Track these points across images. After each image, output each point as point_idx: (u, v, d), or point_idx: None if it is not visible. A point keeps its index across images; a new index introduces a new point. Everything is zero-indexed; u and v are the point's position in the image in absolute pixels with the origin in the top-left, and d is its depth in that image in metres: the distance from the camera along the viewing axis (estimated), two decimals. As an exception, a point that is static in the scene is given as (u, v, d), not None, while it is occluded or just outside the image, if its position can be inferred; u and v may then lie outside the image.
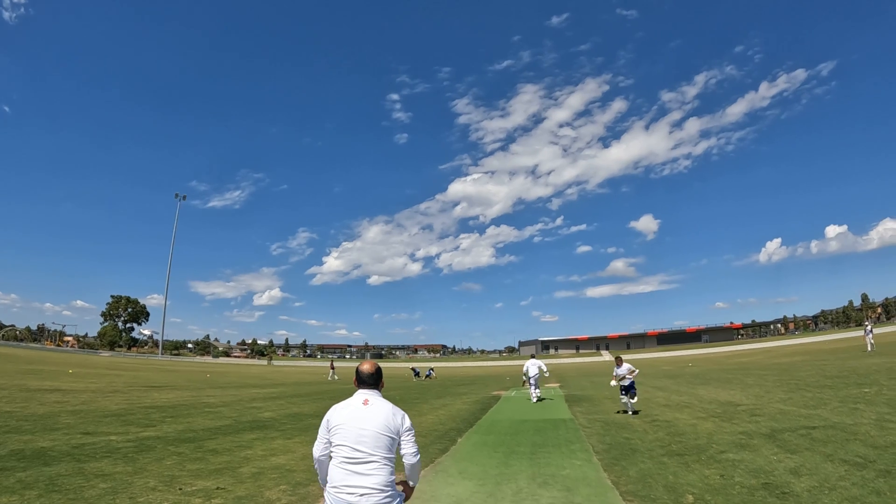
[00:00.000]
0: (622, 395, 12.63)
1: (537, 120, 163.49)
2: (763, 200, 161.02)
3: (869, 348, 30.67)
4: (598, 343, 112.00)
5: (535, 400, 17.23)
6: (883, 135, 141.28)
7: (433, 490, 6.17)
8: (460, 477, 6.85)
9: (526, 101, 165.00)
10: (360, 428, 2.90)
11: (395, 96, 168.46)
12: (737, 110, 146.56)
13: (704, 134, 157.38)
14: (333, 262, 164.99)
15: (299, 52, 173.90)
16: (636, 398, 12.58)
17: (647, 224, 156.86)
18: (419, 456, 3.10)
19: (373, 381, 3.10)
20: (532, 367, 17.47)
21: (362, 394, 3.06)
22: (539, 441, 9.69)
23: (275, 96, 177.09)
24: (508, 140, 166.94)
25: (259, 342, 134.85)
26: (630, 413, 12.25)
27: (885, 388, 13.16)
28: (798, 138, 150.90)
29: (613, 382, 12.67)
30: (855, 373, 18.34)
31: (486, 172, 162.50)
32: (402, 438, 3.01)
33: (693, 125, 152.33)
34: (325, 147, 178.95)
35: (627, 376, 12.47)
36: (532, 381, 17.37)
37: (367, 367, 3.12)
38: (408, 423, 3.05)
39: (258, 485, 6.21)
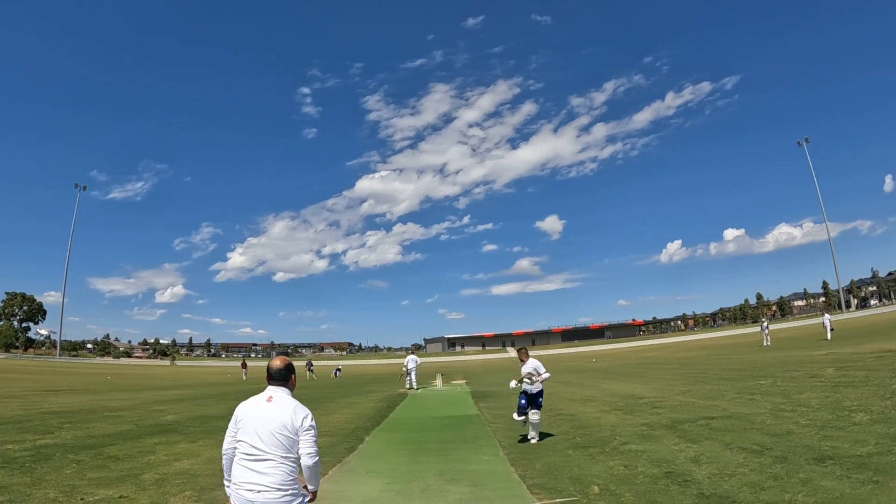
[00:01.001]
0: (522, 407, 10.66)
1: (447, 119, 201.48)
2: (665, 204, 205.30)
3: (765, 343, 40.46)
4: (503, 340, 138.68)
5: (414, 388, 25.27)
6: (781, 146, 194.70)
7: (341, 490, 7.38)
8: (368, 476, 8.27)
9: (437, 100, 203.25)
10: (260, 424, 3.52)
11: (305, 90, 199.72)
12: (643, 118, 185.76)
13: (611, 139, 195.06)
14: (238, 259, 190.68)
15: (208, 42, 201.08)
16: (539, 416, 10.58)
17: (552, 224, 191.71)
18: (317, 458, 3.67)
19: (281, 377, 3.76)
20: (411, 362, 26.72)
21: (269, 390, 3.72)
22: (446, 437, 11.93)
23: (180, 85, 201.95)
24: (418, 138, 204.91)
25: (162, 341, 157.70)
26: (532, 440, 10.47)
27: (780, 379, 16.46)
28: (700, 146, 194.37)
29: (514, 383, 10.99)
30: (752, 366, 22.76)
31: (395, 170, 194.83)
32: (300, 437, 3.58)
33: (600, 130, 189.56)
34: (231, 139, 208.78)
35: (535, 379, 10.56)
36: (411, 374, 25.97)
37: (276, 363, 3.78)
38: (308, 422, 3.63)
39: (162, 492, 7.20)
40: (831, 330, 37.98)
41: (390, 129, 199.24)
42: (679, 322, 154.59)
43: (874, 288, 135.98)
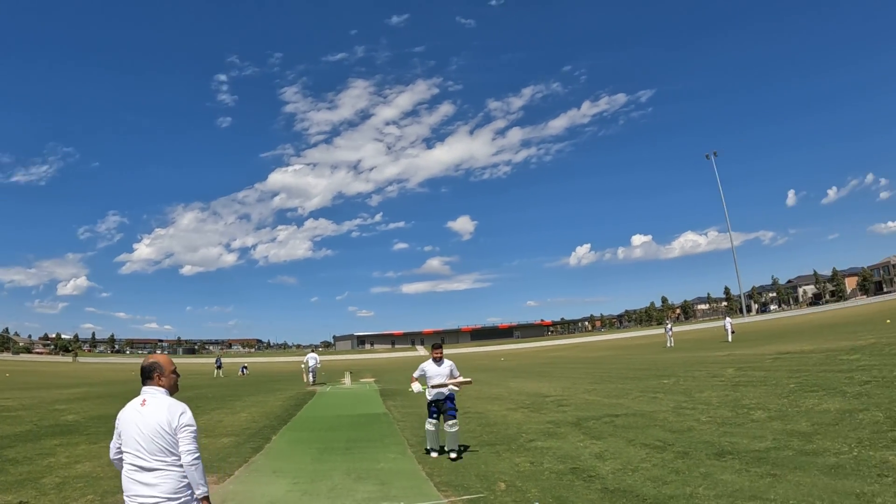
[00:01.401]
0: (432, 417, 9.54)
1: (364, 116, 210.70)
2: (576, 208, 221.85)
3: (669, 344, 43.47)
4: (413, 338, 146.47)
5: (311, 383, 29.11)
6: (690, 157, 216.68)
7: (247, 490, 7.61)
8: (275, 476, 8.51)
9: (355, 95, 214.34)
10: (137, 432, 3.44)
11: (222, 77, 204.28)
12: (558, 124, 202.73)
13: (526, 143, 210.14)
14: (144, 250, 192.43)
15: (124, 23, 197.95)
16: (456, 425, 9.28)
17: (463, 224, 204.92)
18: (197, 456, 3.53)
19: (145, 375, 3.67)
20: (311, 360, 30.64)
21: (143, 392, 3.64)
22: (354, 436, 12.39)
23: (90, 66, 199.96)
24: (333, 133, 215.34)
25: (63, 336, 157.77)
26: (451, 455, 9.21)
27: (683, 379, 17.68)
28: (612, 154, 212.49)
29: (417, 387, 9.80)
30: (656, 366, 24.42)
31: (309, 164, 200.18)
32: (178, 437, 3.47)
33: (516, 134, 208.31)
34: (143, 124, 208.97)
35: (448, 383, 9.43)
36: (311, 370, 29.92)
37: (144, 361, 3.75)
38: (186, 419, 3.52)
39: (63, 496, 7.25)
40: (732, 333, 41.23)
41: (306, 122, 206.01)
42: (587, 323, 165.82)
43: (774, 294, 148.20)
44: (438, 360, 9.60)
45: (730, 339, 39.49)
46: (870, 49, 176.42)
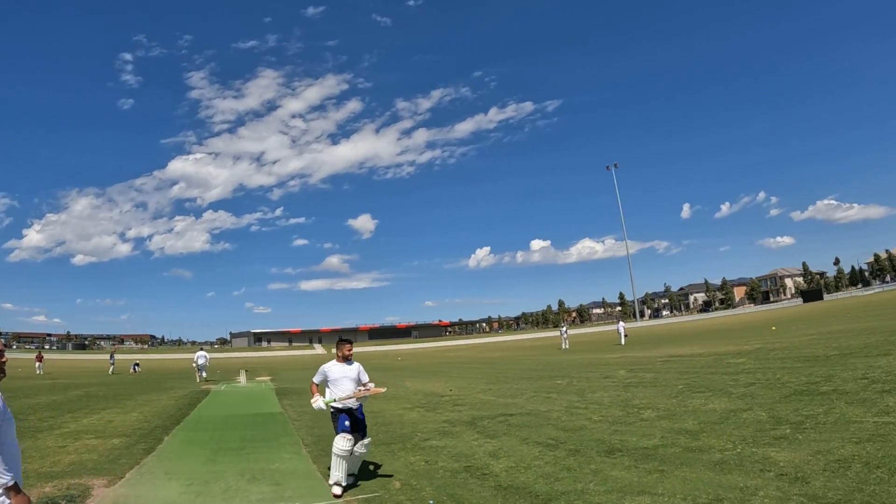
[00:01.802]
0: (345, 431, 7.41)
1: (271, 107, 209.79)
2: (477, 211, 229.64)
3: (564, 346, 45.24)
4: (310, 336, 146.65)
5: (201, 379, 30.40)
6: (591, 167, 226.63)
7: (138, 494, 7.50)
8: (167, 478, 8.42)
9: (263, 85, 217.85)
10: None
11: (128, 56, 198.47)
12: (464, 128, 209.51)
13: (431, 145, 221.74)
14: (34, 237, 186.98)
15: None
16: (368, 445, 7.80)
17: (364, 223, 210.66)
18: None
19: None
20: (200, 357, 31.79)
21: None
22: (248, 436, 12.35)
23: None
24: (238, 123, 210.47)
25: None
26: (348, 478, 7.54)
27: (576, 379, 18.40)
28: (516, 161, 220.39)
29: (320, 403, 7.74)
30: (550, 367, 25.34)
31: (210, 153, 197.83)
32: None
33: (422, 135, 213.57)
34: (37, 100, 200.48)
35: (360, 393, 7.74)
36: (200, 368, 31.22)
37: None
38: None
39: None
40: (625, 336, 43.18)
41: (211, 109, 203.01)
42: (484, 324, 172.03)
43: (666, 301, 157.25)
44: (346, 360, 7.78)
45: (623, 342, 41.30)
46: (767, 68, 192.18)
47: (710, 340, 31.01)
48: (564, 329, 49.46)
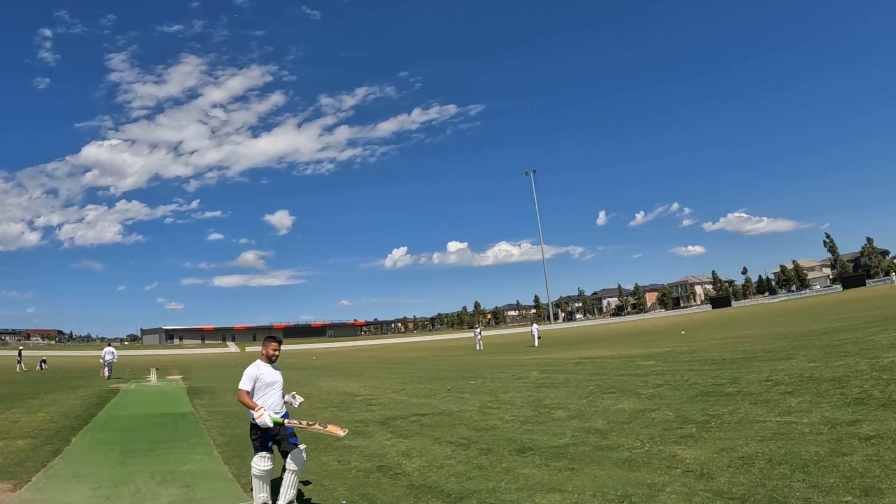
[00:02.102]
0: (265, 449, 6.34)
1: (192, 95, 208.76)
2: (395, 211, 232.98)
3: (478, 347, 46.02)
4: (224, 334, 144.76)
5: (108, 376, 29.99)
6: (511, 172, 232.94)
7: (44, 498, 7.40)
8: (74, 481, 8.23)
9: (186, 72, 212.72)
10: None
11: (47, 32, 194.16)
12: (387, 127, 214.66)
13: (352, 143, 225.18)
14: None
15: None
16: (302, 467, 6.43)
17: (281, 219, 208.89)
18: None
19: None
20: (108, 354, 31.08)
21: None
22: (158, 437, 12.06)
23: None
24: (157, 110, 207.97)
25: None
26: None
27: (489, 380, 18.70)
28: (436, 162, 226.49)
29: (266, 418, 6.14)
30: (464, 368, 25.71)
31: (127, 140, 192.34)
32: None
33: (343, 132, 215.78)
34: None
35: (288, 399, 6.81)
36: (107, 365, 30.64)
37: None
38: None
39: None
40: (539, 338, 44.08)
41: (130, 94, 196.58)
42: (399, 324, 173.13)
43: (580, 304, 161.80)
44: (274, 361, 6.70)
45: (536, 343, 42.28)
46: (683, 80, 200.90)
47: (621, 343, 32.06)
48: (479, 330, 50.44)
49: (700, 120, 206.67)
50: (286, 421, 6.40)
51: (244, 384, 6.31)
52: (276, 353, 6.68)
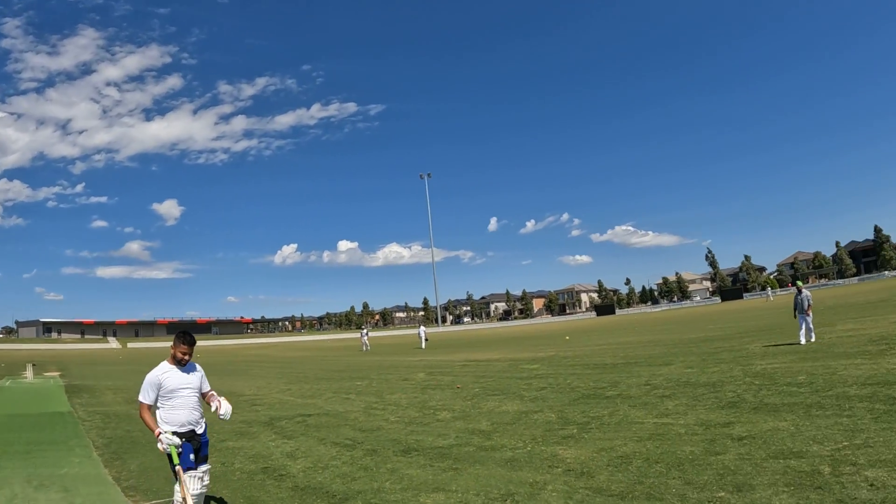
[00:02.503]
0: (190, 466, 5.19)
1: (86, 70, 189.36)
2: (287, 207, 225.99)
3: (365, 348, 45.77)
4: (105, 329, 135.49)
5: None
6: (406, 174, 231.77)
7: None
8: None
9: (82, 45, 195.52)
10: None
11: None
12: (285, 120, 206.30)
13: (248, 134, 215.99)
14: None
15: None
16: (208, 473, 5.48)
17: (170, 209, 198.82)
18: None
19: None
20: None
21: None
22: (35, 438, 11.57)
23: None
24: (48, 83, 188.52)
25: None
26: None
27: (375, 381, 18.74)
28: (331, 160, 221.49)
29: (166, 442, 5.08)
30: (350, 368, 25.76)
31: (12, 114, 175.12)
32: None
33: (240, 123, 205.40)
34: None
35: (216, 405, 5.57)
36: None
37: None
38: None
39: None
40: (426, 340, 44.35)
41: (21, 64, 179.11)
42: (287, 323, 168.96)
43: (468, 308, 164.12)
44: (184, 365, 5.46)
45: (423, 345, 42.50)
46: (578, 91, 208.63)
47: (507, 347, 32.82)
48: (366, 331, 50.30)
49: (593, 134, 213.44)
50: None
51: (145, 397, 5.23)
52: (186, 357, 5.39)
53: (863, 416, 7.15)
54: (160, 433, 5.08)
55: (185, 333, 5.44)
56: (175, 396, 5.26)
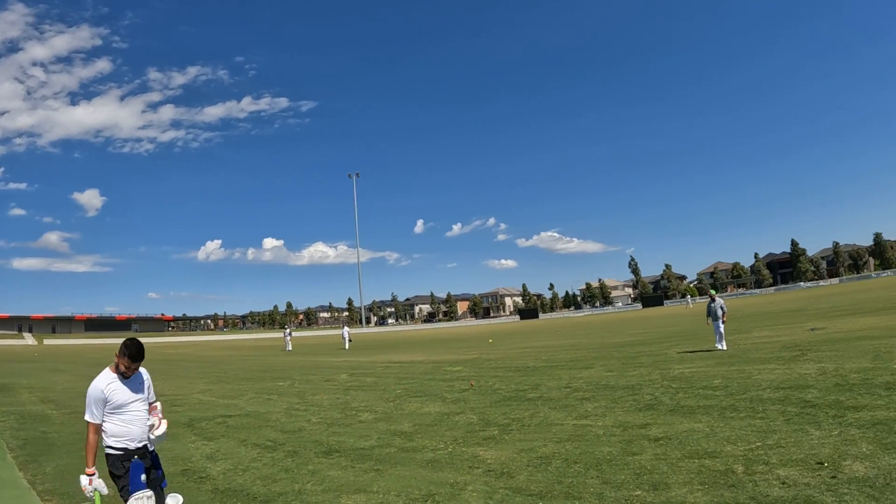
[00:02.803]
0: (141, 486, 4.52)
1: (12, 48, 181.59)
2: (212, 202, 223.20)
3: (288, 348, 45.32)
4: (20, 324, 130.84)
5: None
6: (334, 172, 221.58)
7: None
8: None
9: (10, 21, 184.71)
10: None
11: None
12: (214, 112, 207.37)
13: (176, 124, 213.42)
14: None
15: None
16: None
17: (91, 199, 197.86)
18: None
19: None
20: None
21: None
22: None
23: None
24: None
25: None
26: None
27: (298, 382, 18.57)
28: (259, 155, 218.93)
29: (96, 488, 4.50)
30: (273, 368, 25.43)
31: None
32: None
33: (168, 112, 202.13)
34: None
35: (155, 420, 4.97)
36: None
37: None
38: None
39: None
40: (350, 341, 44.13)
41: None
42: (209, 321, 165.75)
43: (392, 309, 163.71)
44: (129, 377, 4.78)
45: (347, 346, 42.26)
46: (505, 99, 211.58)
47: (431, 349, 32.99)
48: (289, 331, 49.76)
49: (521, 140, 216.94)
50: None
51: (89, 415, 4.55)
52: (129, 371, 4.70)
53: (775, 418, 7.53)
54: (92, 475, 4.42)
55: (132, 344, 4.72)
56: (126, 412, 4.63)
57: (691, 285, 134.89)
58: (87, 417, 4.55)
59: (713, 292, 18.04)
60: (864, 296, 36.15)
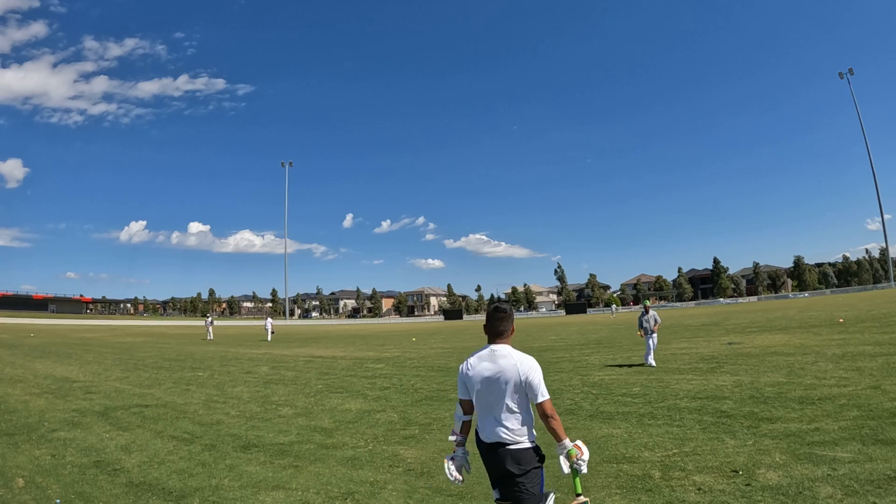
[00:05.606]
0: None
1: None
2: (139, 181, 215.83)
3: (209, 337, 44.10)
4: None
5: None
6: (265, 159, 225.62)
7: None
8: None
9: None
10: None
11: None
12: (148, 88, 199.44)
13: (108, 97, 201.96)
14: None
15: None
16: None
17: (13, 169, 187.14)
18: None
19: None
20: None
21: None
22: None
23: None
24: None
25: None
26: None
27: (217, 372, 18.11)
28: (190, 135, 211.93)
29: None
30: (192, 357, 24.67)
31: None
32: None
33: (101, 84, 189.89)
34: None
35: None
36: None
37: None
38: None
39: None
40: (272, 333, 43.29)
41: None
42: (129, 305, 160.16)
43: (317, 303, 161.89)
44: None
45: (269, 338, 41.36)
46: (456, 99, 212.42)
47: (353, 345, 32.65)
48: (210, 319, 48.29)
49: (456, 142, 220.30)
50: None
51: None
52: None
53: (692, 426, 7.84)
54: None
55: None
56: None
57: (615, 295, 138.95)
58: None
59: (647, 303, 17.66)
60: (780, 314, 37.74)
